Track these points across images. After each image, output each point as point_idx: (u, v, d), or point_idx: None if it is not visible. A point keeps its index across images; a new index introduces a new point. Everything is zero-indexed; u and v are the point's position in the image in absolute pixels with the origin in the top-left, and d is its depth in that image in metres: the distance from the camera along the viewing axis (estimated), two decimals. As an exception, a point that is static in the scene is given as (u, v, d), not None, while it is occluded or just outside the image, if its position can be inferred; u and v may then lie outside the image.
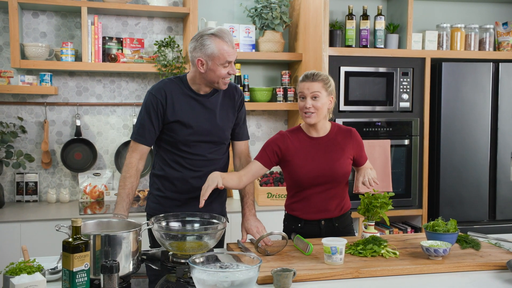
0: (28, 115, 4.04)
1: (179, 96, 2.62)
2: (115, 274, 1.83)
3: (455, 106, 4.15)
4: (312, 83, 2.61)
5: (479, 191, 4.23)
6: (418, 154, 4.17)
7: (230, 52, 2.52)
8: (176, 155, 2.65)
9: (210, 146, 2.67)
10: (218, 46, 2.49)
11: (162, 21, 4.28)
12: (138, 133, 2.63)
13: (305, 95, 2.62)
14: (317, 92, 2.60)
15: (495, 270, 2.28)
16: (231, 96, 2.73)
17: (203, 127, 2.63)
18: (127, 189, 2.56)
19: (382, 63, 4.10)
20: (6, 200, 4.01)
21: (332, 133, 2.72)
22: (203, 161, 2.66)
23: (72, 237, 1.82)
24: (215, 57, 2.50)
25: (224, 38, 2.50)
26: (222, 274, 1.89)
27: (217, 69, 2.52)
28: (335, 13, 4.40)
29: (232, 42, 2.54)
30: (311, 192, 2.68)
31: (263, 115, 4.51)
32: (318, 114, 2.61)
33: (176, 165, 2.66)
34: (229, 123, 2.72)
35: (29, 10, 4.01)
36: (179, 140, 2.62)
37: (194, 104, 2.63)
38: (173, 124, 2.61)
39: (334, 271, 2.18)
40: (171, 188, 2.68)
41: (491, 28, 4.40)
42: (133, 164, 2.61)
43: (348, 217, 2.81)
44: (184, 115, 2.60)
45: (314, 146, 2.69)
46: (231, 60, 2.54)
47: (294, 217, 2.77)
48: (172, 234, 2.28)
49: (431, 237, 2.50)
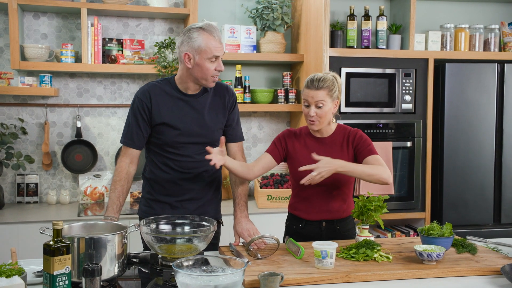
0: (29, 116, 4.05)
1: (165, 97, 2.60)
2: (96, 277, 1.81)
3: (459, 107, 4.09)
4: (316, 91, 2.58)
5: (484, 194, 4.16)
6: (421, 156, 4.12)
7: (218, 47, 2.50)
8: (165, 157, 2.63)
9: (199, 148, 2.62)
10: (206, 39, 2.47)
11: (163, 22, 4.27)
12: (127, 136, 2.63)
13: (309, 103, 2.61)
14: (321, 101, 2.59)
15: (490, 276, 2.23)
16: (222, 96, 2.70)
17: (190, 128, 2.60)
18: (117, 192, 2.55)
19: (384, 64, 4.05)
20: (7, 201, 4.02)
21: (336, 134, 2.71)
22: (192, 162, 2.63)
23: (53, 240, 1.80)
24: (202, 50, 2.48)
25: (211, 33, 2.49)
26: (206, 278, 1.86)
27: (204, 64, 2.49)
28: (336, 13, 4.36)
29: (220, 37, 2.52)
30: (312, 192, 2.67)
31: (265, 116, 4.48)
32: (322, 121, 2.63)
33: (165, 167, 2.63)
34: (218, 124, 2.69)
35: (30, 12, 4.02)
36: (166, 142, 2.60)
37: (181, 105, 2.60)
38: (160, 126, 2.58)
39: (324, 276, 2.14)
40: (161, 191, 2.66)
41: (496, 28, 4.33)
42: (123, 167, 2.60)
43: (351, 221, 2.77)
44: (170, 117, 2.58)
45: (317, 146, 2.69)
46: (218, 55, 2.51)
47: (296, 217, 2.76)
48: (161, 237, 2.26)
49: (425, 241, 2.45)
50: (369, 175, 2.52)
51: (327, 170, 2.45)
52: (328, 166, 2.46)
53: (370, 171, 2.52)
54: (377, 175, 2.52)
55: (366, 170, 2.53)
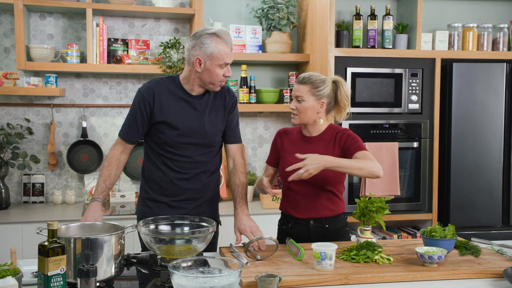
0: (35, 116, 4.07)
1: (169, 96, 2.60)
2: (92, 278, 1.81)
3: (467, 107, 4.04)
4: (299, 85, 2.67)
5: (492, 195, 4.11)
6: (428, 157, 4.07)
7: (229, 54, 2.52)
8: (163, 156, 2.63)
9: (199, 149, 2.63)
10: (218, 46, 2.49)
11: (168, 22, 4.27)
12: (123, 130, 2.66)
13: (293, 96, 2.69)
14: (301, 96, 2.65)
15: (492, 278, 2.20)
16: (222, 97, 2.70)
17: (191, 129, 2.60)
18: (104, 176, 2.61)
19: (390, 64, 4.01)
20: (13, 201, 4.04)
21: (325, 134, 2.72)
22: (191, 163, 2.63)
23: (48, 241, 1.79)
24: (214, 57, 2.49)
25: (224, 39, 2.50)
26: (201, 279, 1.85)
27: (214, 69, 2.51)
28: (342, 13, 4.33)
29: (231, 44, 2.55)
30: (299, 189, 2.68)
31: (270, 116, 4.47)
32: (301, 116, 2.67)
33: (163, 167, 2.63)
34: (219, 125, 2.68)
35: (36, 12, 4.04)
36: (166, 141, 2.60)
37: (184, 105, 2.60)
38: (160, 125, 2.59)
39: (322, 277, 2.12)
40: (158, 190, 2.66)
41: (505, 27, 4.28)
42: (113, 154, 2.65)
43: (340, 220, 2.75)
44: (172, 116, 2.58)
45: (304, 145, 2.72)
46: (229, 62, 2.54)
47: (285, 216, 2.78)
48: (160, 237, 2.25)
49: (427, 243, 2.43)
50: (359, 168, 2.49)
51: (315, 166, 2.42)
52: (316, 163, 2.43)
53: (360, 165, 2.49)
54: (367, 169, 2.48)
55: (355, 164, 2.49)
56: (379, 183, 3.90)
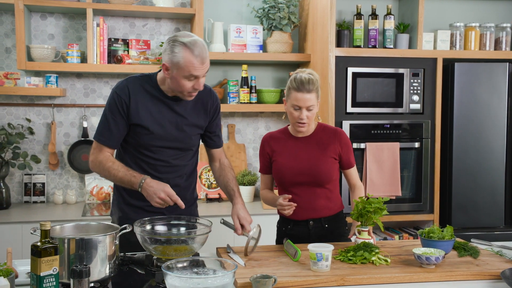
0: (36, 116, 4.07)
1: (145, 96, 2.47)
2: (85, 279, 1.80)
3: (469, 107, 4.01)
4: (309, 95, 2.54)
5: (494, 196, 4.08)
6: (429, 157, 4.05)
7: (197, 67, 2.32)
8: (139, 159, 2.52)
9: (176, 153, 2.53)
10: (186, 57, 2.30)
11: (169, 22, 4.27)
12: (103, 134, 2.47)
13: (300, 106, 2.55)
14: (313, 105, 2.57)
15: (490, 280, 2.18)
16: (204, 101, 2.58)
17: (168, 132, 2.48)
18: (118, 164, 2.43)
19: (392, 63, 3.99)
20: (14, 201, 4.04)
21: (316, 133, 2.70)
22: (167, 167, 2.53)
23: (40, 241, 1.79)
24: (180, 67, 2.32)
25: (193, 51, 2.30)
26: (195, 280, 1.85)
27: (180, 80, 2.35)
28: (343, 12, 4.31)
29: (203, 57, 2.33)
30: (296, 191, 2.66)
31: (272, 117, 4.46)
32: (310, 123, 2.65)
33: (139, 169, 2.49)
34: (197, 129, 2.58)
35: (37, 12, 4.04)
36: (141, 144, 2.49)
37: (161, 107, 2.47)
38: (135, 127, 2.46)
39: (318, 279, 2.11)
40: (133, 194, 2.50)
41: (507, 27, 4.25)
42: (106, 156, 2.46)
43: (339, 219, 2.74)
44: (148, 119, 2.45)
45: (298, 145, 2.69)
46: (198, 75, 2.34)
47: (284, 218, 2.77)
48: (156, 238, 2.24)
49: (425, 244, 2.41)
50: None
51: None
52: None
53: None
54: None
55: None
56: (380, 183, 3.88)
